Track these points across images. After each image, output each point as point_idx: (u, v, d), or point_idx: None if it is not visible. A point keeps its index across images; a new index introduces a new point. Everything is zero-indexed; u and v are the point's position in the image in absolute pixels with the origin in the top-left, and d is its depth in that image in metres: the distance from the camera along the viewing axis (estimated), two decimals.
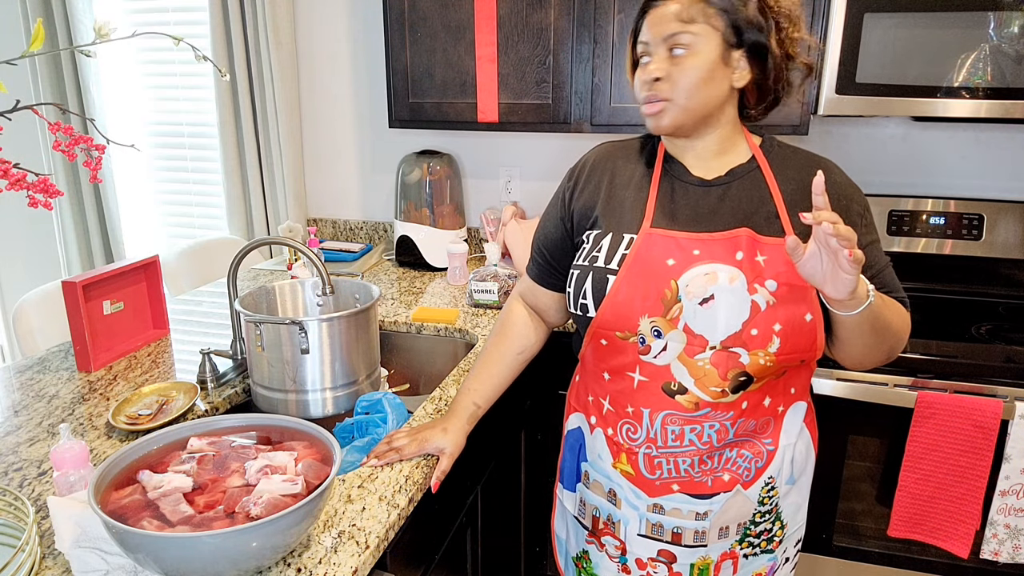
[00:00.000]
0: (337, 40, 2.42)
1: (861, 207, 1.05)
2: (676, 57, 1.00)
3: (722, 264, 0.99)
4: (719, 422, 1.02)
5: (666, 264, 1.01)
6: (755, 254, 0.99)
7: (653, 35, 1.02)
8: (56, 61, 2.64)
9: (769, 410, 1.05)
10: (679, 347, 1.00)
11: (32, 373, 1.50)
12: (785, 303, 0.98)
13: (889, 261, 1.08)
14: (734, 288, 0.98)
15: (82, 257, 2.87)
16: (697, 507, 1.06)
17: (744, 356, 0.98)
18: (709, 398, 1.01)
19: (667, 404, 1.03)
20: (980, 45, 1.61)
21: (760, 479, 1.07)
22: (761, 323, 0.97)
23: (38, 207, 0.92)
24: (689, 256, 1.01)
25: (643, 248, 1.03)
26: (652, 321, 1.01)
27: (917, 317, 1.19)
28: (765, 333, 0.97)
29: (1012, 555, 1.60)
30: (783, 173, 1.06)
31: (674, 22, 0.99)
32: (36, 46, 0.90)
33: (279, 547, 0.84)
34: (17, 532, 0.91)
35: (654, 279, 1.01)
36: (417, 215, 2.27)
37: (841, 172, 1.07)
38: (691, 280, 0.99)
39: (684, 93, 1.00)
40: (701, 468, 1.05)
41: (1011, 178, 2.01)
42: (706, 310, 0.98)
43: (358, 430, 1.30)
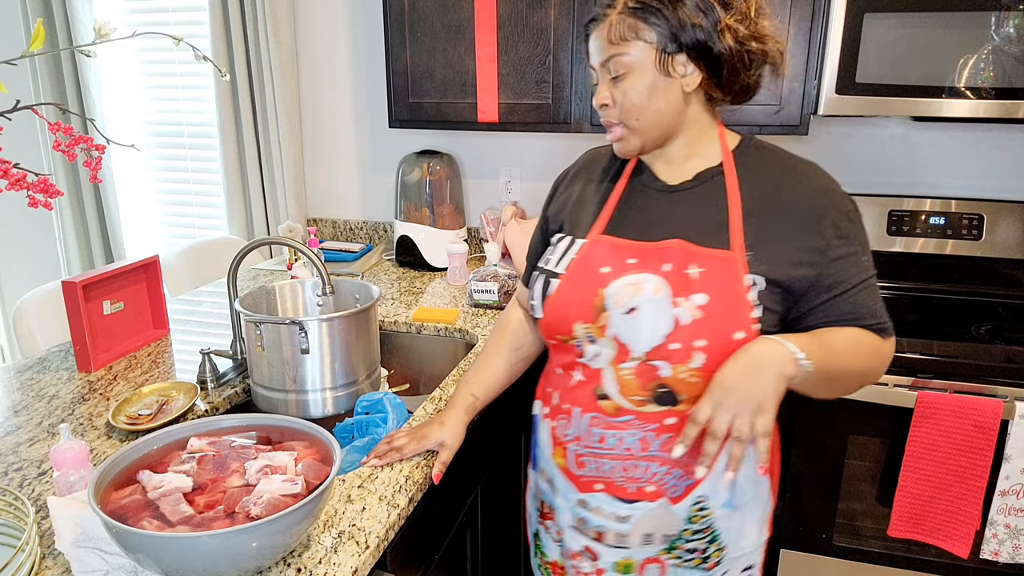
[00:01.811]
0: (337, 40, 2.42)
1: (839, 215, 0.97)
2: (616, 80, 0.98)
3: (650, 274, 0.97)
4: (642, 432, 0.99)
5: (599, 272, 1.00)
6: (686, 266, 0.96)
7: (594, 62, 1.00)
8: (56, 61, 2.64)
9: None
10: (610, 354, 0.99)
11: (32, 373, 1.50)
12: (713, 319, 0.93)
13: (868, 278, 0.98)
14: (657, 300, 0.95)
15: (82, 257, 2.87)
16: (619, 510, 1.04)
17: (665, 369, 0.96)
18: (631, 406, 0.99)
19: (594, 406, 1.02)
20: (980, 45, 1.61)
21: (689, 497, 1.02)
22: (683, 338, 0.94)
23: (38, 207, 0.91)
24: (623, 265, 0.99)
25: (586, 254, 1.03)
26: (586, 327, 1.00)
27: (917, 317, 1.18)
28: (687, 348, 0.94)
29: (1012, 555, 1.60)
30: (750, 179, 1.01)
31: (606, 46, 0.97)
32: (36, 46, 0.90)
33: (279, 547, 0.84)
34: (17, 532, 0.91)
35: (588, 286, 1.00)
36: (417, 215, 2.27)
37: (822, 177, 1.01)
38: (618, 289, 0.98)
39: (631, 115, 0.98)
40: (624, 474, 1.02)
41: (1011, 178, 2.01)
42: (631, 320, 0.96)
43: (358, 430, 1.30)
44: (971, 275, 1.99)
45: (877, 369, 1.00)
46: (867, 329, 0.98)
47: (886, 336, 1.00)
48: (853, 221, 0.98)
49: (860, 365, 0.97)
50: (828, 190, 1.00)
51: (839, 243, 0.96)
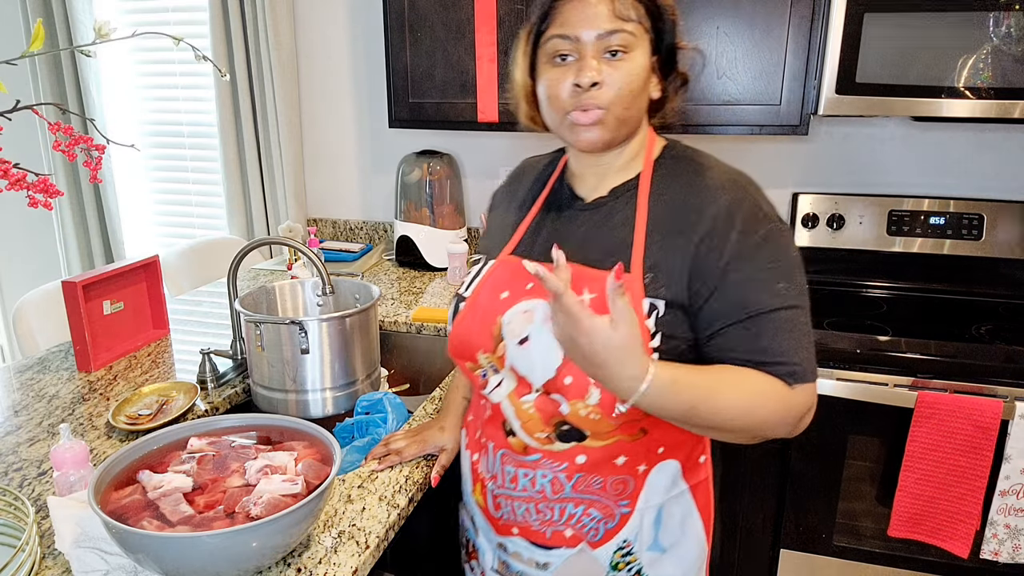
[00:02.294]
0: (337, 40, 2.42)
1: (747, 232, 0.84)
2: (612, 60, 0.87)
3: (541, 301, 0.88)
4: (552, 472, 0.92)
5: (499, 297, 0.93)
6: (579, 291, 0.87)
7: (582, 30, 0.87)
8: (56, 61, 2.64)
9: (624, 469, 0.92)
10: (511, 386, 0.92)
11: (32, 373, 1.50)
12: None
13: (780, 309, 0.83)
14: (547, 329, 0.85)
15: (82, 257, 2.87)
16: (536, 556, 0.97)
17: (564, 405, 0.87)
18: (536, 444, 0.92)
19: (503, 443, 0.96)
20: (980, 45, 1.61)
21: (611, 541, 0.94)
22: (576, 370, 0.84)
23: (38, 207, 0.91)
24: (521, 290, 0.92)
25: (490, 277, 0.97)
26: (487, 357, 0.94)
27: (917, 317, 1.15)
28: (580, 382, 0.85)
29: (1012, 555, 1.60)
30: (660, 192, 0.91)
31: (610, 18, 0.86)
32: (36, 46, 0.89)
33: (279, 547, 0.84)
34: (17, 532, 0.91)
35: (488, 312, 0.93)
36: (417, 215, 2.27)
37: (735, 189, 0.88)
38: (512, 318, 0.91)
39: (622, 102, 0.87)
40: (539, 516, 0.95)
41: (1011, 178, 2.01)
42: (524, 351, 0.89)
43: (358, 430, 1.30)
44: (971, 275, 1.99)
45: (780, 420, 0.83)
46: (768, 371, 0.83)
47: (794, 382, 0.82)
48: (767, 241, 0.85)
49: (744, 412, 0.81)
50: (737, 203, 0.87)
51: (741, 264, 0.84)
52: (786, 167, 2.15)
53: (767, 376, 0.83)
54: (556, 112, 0.91)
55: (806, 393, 0.84)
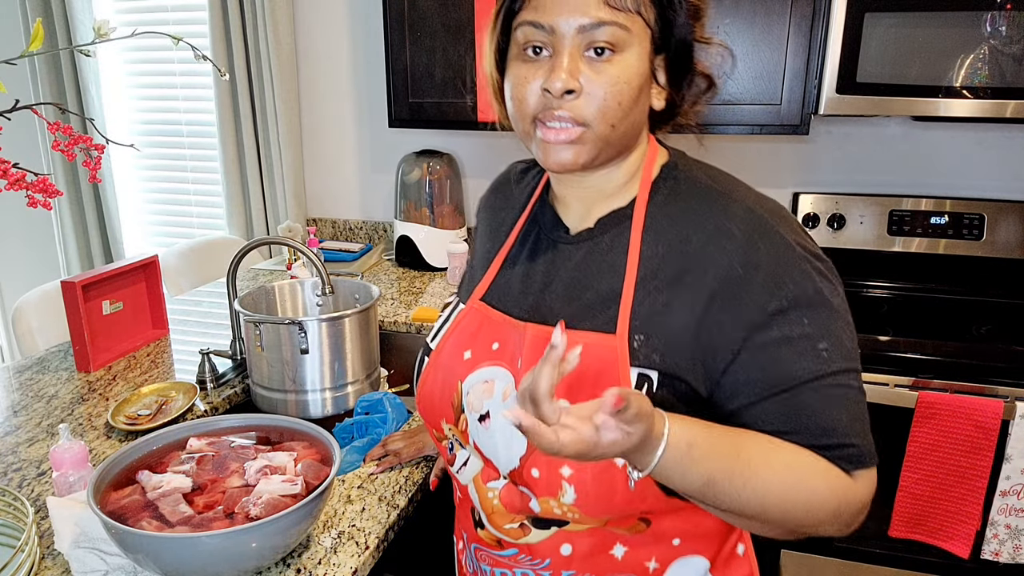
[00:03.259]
0: (337, 40, 2.42)
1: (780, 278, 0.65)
2: (596, 61, 0.66)
3: (503, 369, 0.71)
4: (533, 570, 0.75)
5: (463, 357, 0.76)
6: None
7: (560, 17, 0.65)
8: (55, 61, 2.64)
9: (625, 566, 0.73)
10: (477, 466, 0.75)
11: (31, 373, 1.50)
12: None
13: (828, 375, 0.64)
14: (507, 406, 0.69)
15: (81, 257, 2.87)
16: None
17: (533, 501, 0.70)
18: (508, 537, 0.74)
19: (474, 536, 0.80)
20: (980, 45, 1.61)
21: None
22: (543, 463, 0.67)
23: (37, 207, 0.91)
24: (486, 350, 0.74)
25: (457, 327, 0.79)
26: (450, 428, 0.77)
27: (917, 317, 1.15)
28: (551, 478, 0.67)
29: (1013, 555, 1.60)
30: (658, 226, 0.71)
31: (598, 5, 0.65)
32: (35, 46, 0.89)
33: (279, 547, 0.84)
34: (16, 532, 0.91)
35: (450, 375, 0.76)
36: (417, 215, 2.27)
37: (757, 219, 0.67)
38: (472, 387, 0.73)
39: (606, 117, 0.67)
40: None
41: (1012, 178, 2.01)
42: (484, 431, 0.71)
43: (358, 430, 1.29)
44: (972, 275, 1.99)
45: (832, 514, 0.63)
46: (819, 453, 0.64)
47: (855, 469, 0.64)
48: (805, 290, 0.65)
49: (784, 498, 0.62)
50: (760, 241, 0.66)
51: (769, 324, 0.65)
52: (786, 167, 2.14)
53: (817, 457, 0.64)
54: (522, 120, 0.70)
55: (867, 481, 0.65)
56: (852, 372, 0.66)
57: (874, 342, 1.66)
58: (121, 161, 2.76)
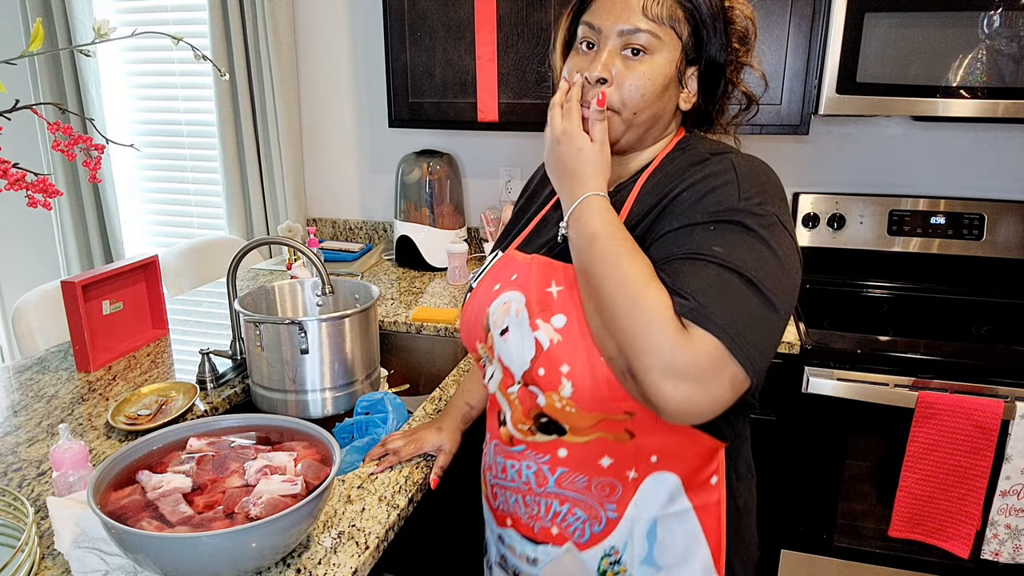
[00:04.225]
0: (337, 40, 2.42)
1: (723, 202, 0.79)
2: (630, 59, 0.84)
3: (518, 293, 0.89)
4: (536, 464, 0.92)
5: (492, 289, 0.94)
6: (547, 283, 0.87)
7: (607, 22, 0.84)
8: (55, 61, 2.64)
9: (611, 472, 0.88)
10: (499, 377, 0.92)
11: (31, 373, 1.50)
12: (574, 341, 0.81)
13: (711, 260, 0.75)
14: (519, 321, 0.86)
15: (81, 257, 2.87)
16: (527, 551, 0.96)
17: (540, 397, 0.86)
18: (519, 435, 0.92)
19: (496, 433, 0.97)
20: (979, 45, 1.61)
21: (599, 546, 0.91)
22: (547, 363, 0.83)
23: (37, 207, 0.91)
24: (507, 282, 0.93)
25: (494, 269, 0.97)
26: (481, 347, 0.95)
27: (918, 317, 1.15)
28: (552, 375, 0.83)
29: (1013, 555, 1.60)
30: (655, 185, 0.87)
31: (638, 15, 0.83)
32: (35, 46, 0.89)
33: (278, 547, 0.84)
34: (16, 532, 0.91)
35: (482, 304, 0.94)
36: (417, 215, 2.27)
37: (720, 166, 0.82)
38: (496, 309, 0.91)
39: (632, 107, 0.85)
40: (527, 510, 0.95)
41: (1012, 178, 2.01)
42: (504, 343, 0.89)
43: (358, 430, 1.29)
44: (971, 275, 1.99)
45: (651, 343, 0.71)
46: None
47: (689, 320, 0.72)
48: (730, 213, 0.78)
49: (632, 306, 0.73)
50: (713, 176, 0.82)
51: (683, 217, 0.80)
52: (787, 167, 2.14)
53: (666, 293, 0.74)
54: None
55: (699, 345, 0.70)
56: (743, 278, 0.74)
57: (874, 342, 1.66)
58: (121, 161, 2.76)
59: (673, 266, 0.76)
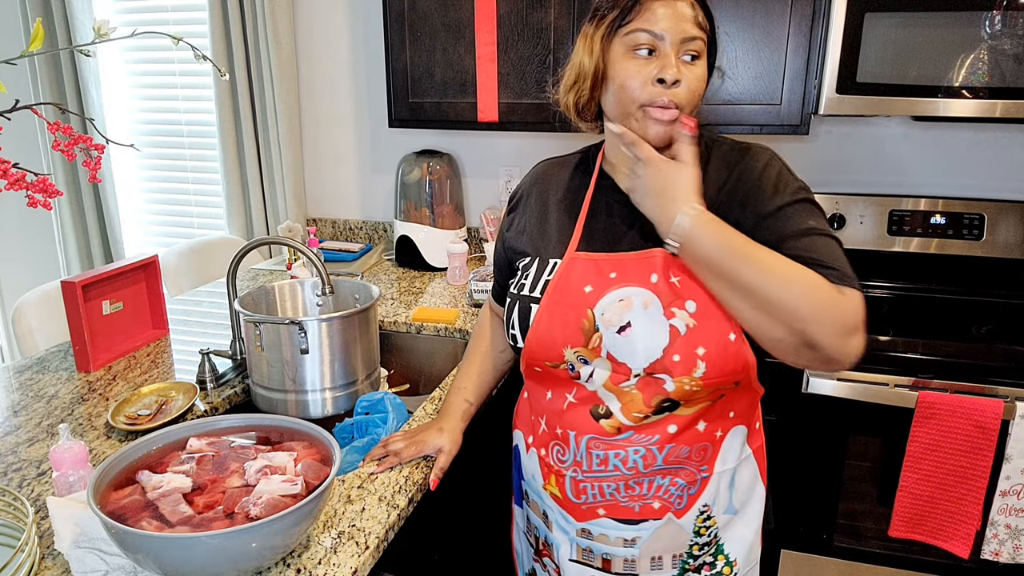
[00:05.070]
0: (337, 40, 2.42)
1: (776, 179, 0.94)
2: (688, 63, 0.94)
3: (636, 287, 0.93)
4: (644, 447, 0.96)
5: (583, 291, 0.96)
6: (669, 275, 0.92)
7: (672, 30, 0.93)
8: (55, 61, 2.64)
9: (705, 436, 0.97)
10: (606, 374, 0.95)
11: (31, 373, 1.50)
12: (707, 324, 0.90)
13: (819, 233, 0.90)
14: (649, 313, 0.91)
15: (81, 257, 2.87)
16: (624, 533, 1.00)
17: (669, 383, 0.92)
18: (631, 423, 0.95)
19: (591, 427, 0.98)
20: (980, 45, 1.61)
21: (694, 507, 0.99)
22: (683, 348, 0.90)
23: (37, 207, 0.91)
24: (606, 280, 0.95)
25: (564, 275, 0.99)
26: (576, 351, 0.96)
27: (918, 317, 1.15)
28: (688, 359, 0.90)
29: (1013, 555, 1.60)
30: (705, 175, 0.97)
31: (692, 24, 0.93)
32: (35, 46, 0.89)
33: (279, 547, 0.84)
34: (16, 532, 0.91)
35: (573, 308, 0.96)
36: (417, 215, 2.27)
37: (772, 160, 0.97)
38: (607, 308, 0.94)
39: (692, 103, 0.95)
40: (628, 493, 0.98)
41: (1012, 178, 2.01)
42: (624, 339, 0.92)
43: (358, 430, 1.29)
44: (972, 275, 1.99)
45: (826, 315, 0.83)
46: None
47: (840, 284, 0.86)
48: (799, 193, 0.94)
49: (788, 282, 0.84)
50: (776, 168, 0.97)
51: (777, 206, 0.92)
52: None
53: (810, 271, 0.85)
54: (628, 102, 0.95)
55: (854, 300, 0.85)
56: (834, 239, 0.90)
57: (874, 342, 1.66)
58: (121, 161, 2.76)
59: (800, 243, 0.88)
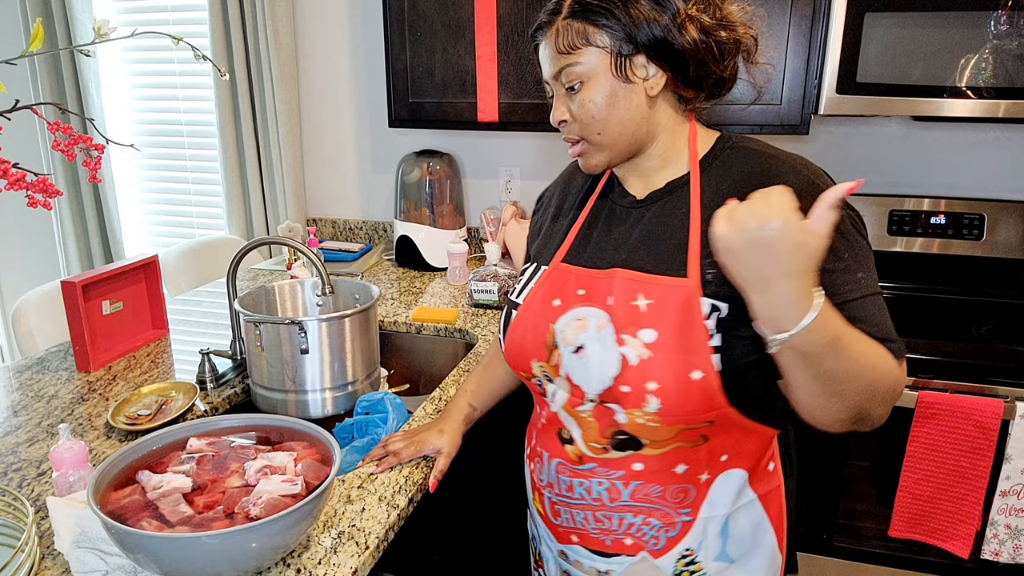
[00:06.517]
0: (337, 40, 2.42)
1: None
2: (572, 93, 0.88)
3: (594, 308, 0.87)
4: (608, 480, 0.91)
5: (552, 305, 0.92)
6: (633, 297, 0.85)
7: (546, 74, 0.91)
8: (55, 61, 2.64)
9: (685, 478, 0.89)
10: (565, 396, 0.91)
11: (31, 373, 1.49)
12: (665, 358, 0.81)
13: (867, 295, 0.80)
14: (602, 337, 0.85)
15: (81, 257, 2.87)
16: (597, 564, 0.96)
17: (620, 414, 0.86)
18: (591, 453, 0.91)
19: (559, 451, 0.95)
20: (981, 45, 1.61)
21: (674, 549, 0.91)
22: (633, 380, 0.83)
23: (37, 207, 0.91)
24: (573, 297, 0.91)
25: (541, 284, 0.95)
26: (541, 366, 0.92)
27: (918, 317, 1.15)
28: (638, 391, 0.83)
29: (1013, 555, 1.60)
30: (716, 186, 0.87)
31: (554, 58, 0.87)
32: (35, 46, 0.89)
33: (279, 548, 0.84)
34: (16, 532, 0.91)
35: (541, 320, 0.92)
36: (417, 215, 2.27)
37: (804, 176, 0.84)
38: (566, 326, 0.89)
39: (592, 129, 0.88)
40: (598, 525, 0.94)
41: (1012, 178, 2.01)
42: (579, 360, 0.87)
43: (358, 430, 1.29)
44: (972, 275, 1.99)
45: (889, 390, 0.78)
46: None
47: (899, 359, 0.80)
48: (843, 232, 0.81)
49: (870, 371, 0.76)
50: (808, 189, 0.81)
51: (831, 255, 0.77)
52: None
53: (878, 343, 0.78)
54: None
55: (905, 372, 0.81)
56: (880, 295, 0.83)
57: None
58: (121, 161, 2.76)
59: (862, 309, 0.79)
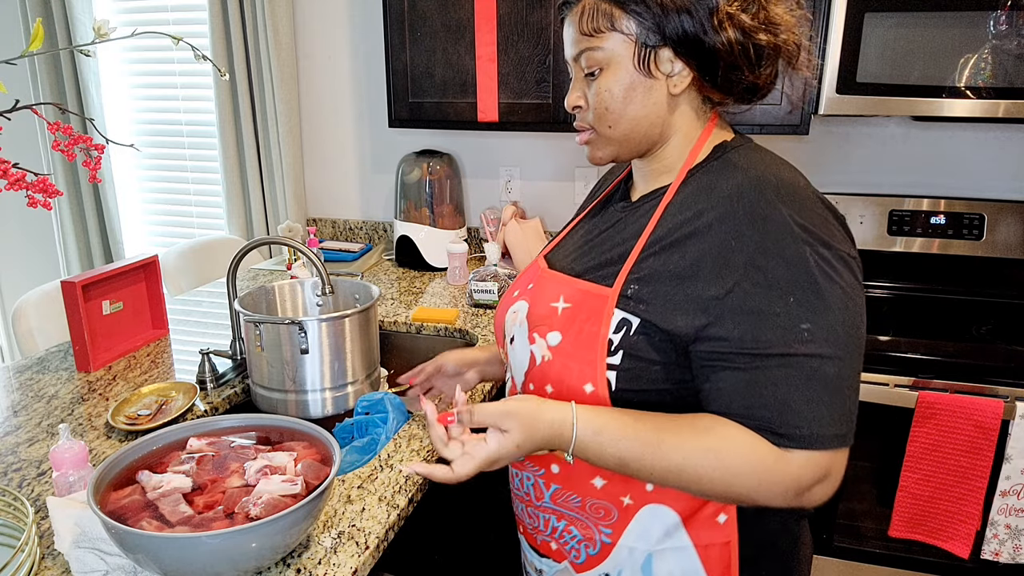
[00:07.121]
0: (337, 40, 2.42)
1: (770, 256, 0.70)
2: (590, 78, 0.82)
3: (524, 303, 0.90)
4: (533, 476, 0.91)
5: (512, 295, 0.96)
6: (555, 298, 0.84)
7: (567, 55, 0.85)
8: (55, 61, 2.64)
9: (603, 494, 0.84)
10: (510, 385, 0.94)
11: (31, 373, 1.49)
12: (561, 364, 0.80)
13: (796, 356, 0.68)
14: (522, 332, 0.87)
15: (81, 257, 2.87)
16: (535, 562, 0.97)
17: None
18: None
19: None
20: (980, 45, 1.61)
21: (594, 570, 0.88)
22: (535, 379, 0.84)
23: (37, 207, 0.91)
24: (524, 290, 0.93)
25: (521, 275, 0.99)
26: (502, 352, 0.97)
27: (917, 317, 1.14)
28: (539, 392, 0.83)
29: (1013, 555, 1.60)
30: (685, 199, 0.80)
31: (576, 40, 0.81)
32: (35, 46, 0.89)
33: (279, 547, 0.84)
34: (16, 532, 0.91)
35: (504, 309, 0.97)
36: (417, 215, 2.27)
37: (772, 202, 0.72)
38: (508, 316, 0.93)
39: (605, 121, 0.83)
40: (531, 521, 0.95)
41: (1012, 178, 2.01)
42: (512, 351, 0.91)
43: (358, 430, 1.29)
44: (971, 275, 1.99)
45: (765, 491, 0.70)
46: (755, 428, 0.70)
47: (788, 446, 0.69)
48: (796, 266, 0.69)
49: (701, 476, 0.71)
50: (755, 213, 0.72)
51: (753, 291, 0.70)
52: None
53: (748, 434, 0.70)
54: None
55: (808, 463, 0.69)
56: (832, 360, 0.69)
57: (874, 342, 1.66)
58: (121, 161, 2.76)
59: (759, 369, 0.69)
